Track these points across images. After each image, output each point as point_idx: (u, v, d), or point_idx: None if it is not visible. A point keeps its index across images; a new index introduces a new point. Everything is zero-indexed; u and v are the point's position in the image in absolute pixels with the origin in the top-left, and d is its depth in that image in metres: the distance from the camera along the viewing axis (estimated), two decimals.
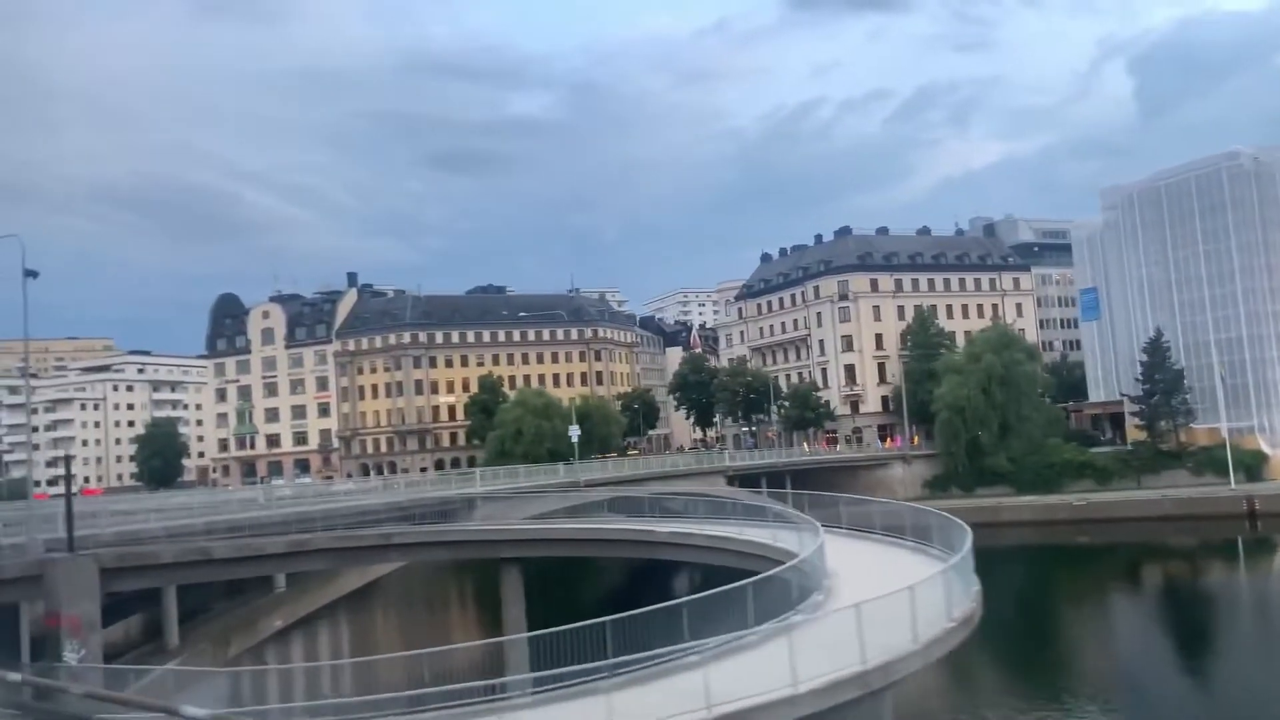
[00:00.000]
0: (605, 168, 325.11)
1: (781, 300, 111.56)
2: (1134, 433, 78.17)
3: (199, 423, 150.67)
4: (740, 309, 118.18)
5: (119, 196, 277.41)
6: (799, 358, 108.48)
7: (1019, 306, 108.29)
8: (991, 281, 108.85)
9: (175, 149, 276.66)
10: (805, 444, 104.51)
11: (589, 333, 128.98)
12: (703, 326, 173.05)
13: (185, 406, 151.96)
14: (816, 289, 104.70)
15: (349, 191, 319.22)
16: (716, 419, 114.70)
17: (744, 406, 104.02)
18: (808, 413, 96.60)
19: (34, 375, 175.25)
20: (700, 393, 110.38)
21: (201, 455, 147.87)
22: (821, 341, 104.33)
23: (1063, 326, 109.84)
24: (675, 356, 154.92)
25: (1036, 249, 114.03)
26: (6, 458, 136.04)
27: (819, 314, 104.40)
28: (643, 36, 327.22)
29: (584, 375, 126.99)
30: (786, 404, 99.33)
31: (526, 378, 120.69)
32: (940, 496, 72.25)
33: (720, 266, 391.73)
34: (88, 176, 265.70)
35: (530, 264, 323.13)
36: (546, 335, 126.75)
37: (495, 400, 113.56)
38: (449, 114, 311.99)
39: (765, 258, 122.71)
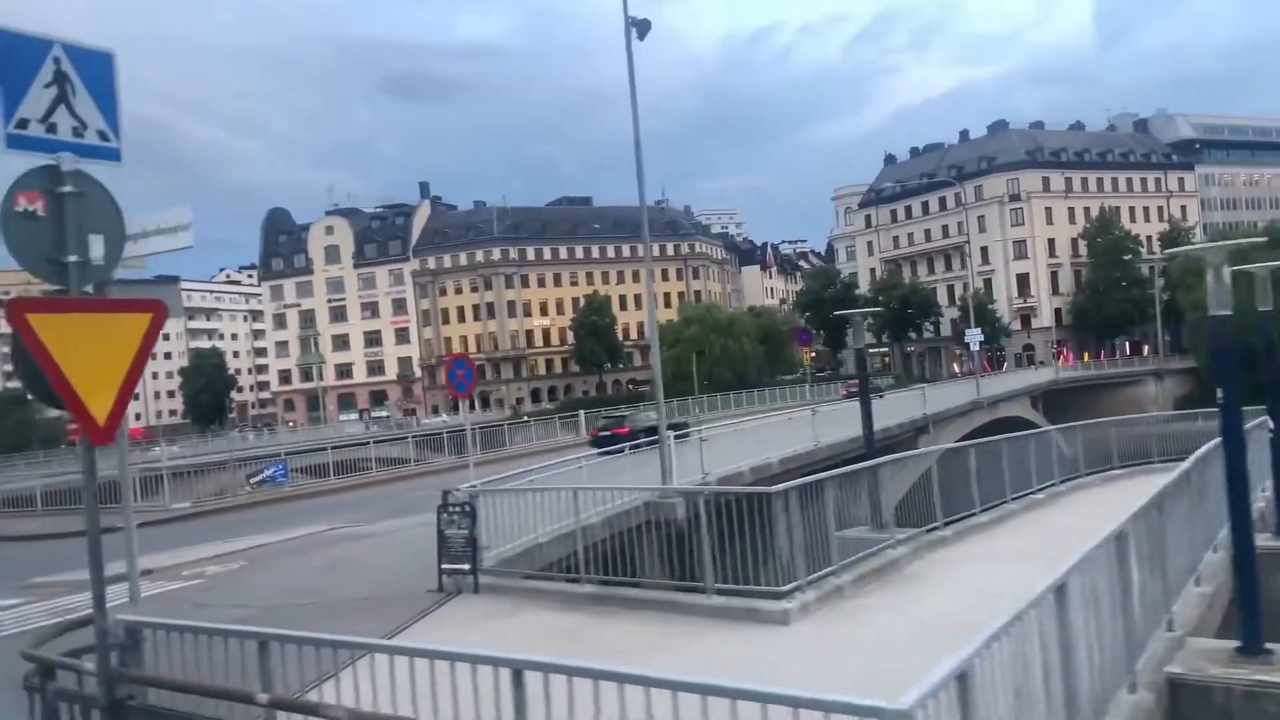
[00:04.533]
0: (564, 97, 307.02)
1: (926, 205, 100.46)
2: None
3: (235, 354, 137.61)
4: (868, 217, 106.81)
5: None
6: (951, 268, 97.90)
7: (1184, 209, 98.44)
8: (1156, 181, 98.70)
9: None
10: (955, 364, 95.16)
11: (685, 248, 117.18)
12: (768, 245, 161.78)
13: (221, 336, 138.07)
14: (979, 189, 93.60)
15: (296, 121, 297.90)
16: (848, 338, 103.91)
17: (895, 324, 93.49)
18: (985, 328, 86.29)
19: None
20: (835, 309, 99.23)
21: (240, 390, 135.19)
22: (985, 249, 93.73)
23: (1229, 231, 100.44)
24: (751, 275, 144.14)
25: (1198, 146, 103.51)
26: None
27: (981, 217, 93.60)
28: None
29: (681, 295, 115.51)
30: (955, 319, 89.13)
31: (622, 298, 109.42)
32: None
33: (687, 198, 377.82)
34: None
35: (495, 198, 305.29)
36: (641, 251, 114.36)
37: (605, 321, 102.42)
38: (399, 37, 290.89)
39: (889, 159, 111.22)
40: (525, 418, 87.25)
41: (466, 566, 9.86)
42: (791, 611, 7.97)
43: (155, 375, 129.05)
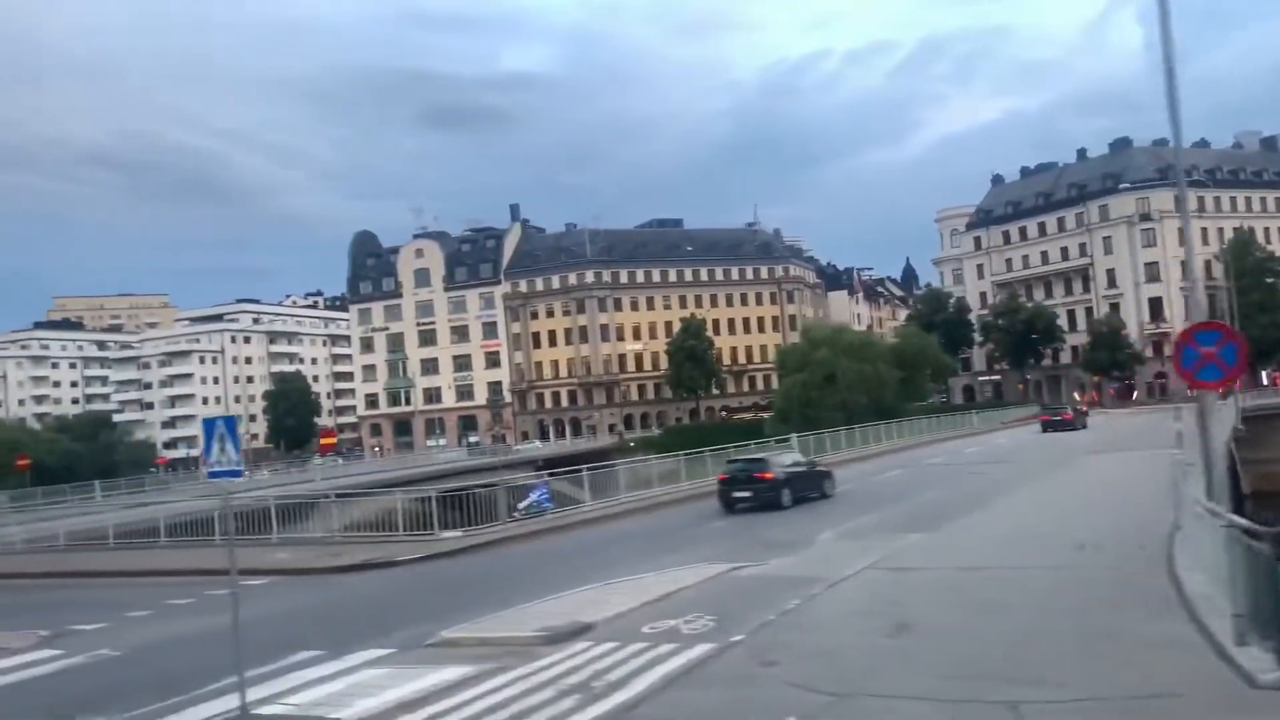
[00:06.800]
0: (602, 125, 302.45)
1: (1043, 225, 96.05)
2: None
3: (315, 379, 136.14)
4: (978, 239, 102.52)
5: (103, 158, 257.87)
6: (1071, 292, 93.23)
7: None
8: None
9: (158, 107, 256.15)
10: (1076, 393, 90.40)
11: (779, 271, 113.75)
12: (854, 270, 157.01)
13: (301, 360, 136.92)
14: (1104, 209, 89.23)
15: (339, 151, 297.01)
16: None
17: (1015, 349, 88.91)
18: (1118, 354, 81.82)
19: (114, 329, 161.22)
20: (947, 334, 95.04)
21: (318, 415, 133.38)
22: (1111, 271, 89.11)
23: None
24: (838, 301, 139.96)
25: None
26: (117, 418, 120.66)
27: (1107, 238, 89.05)
28: None
29: (775, 320, 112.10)
30: (1082, 345, 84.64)
31: (715, 322, 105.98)
32: None
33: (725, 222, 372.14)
34: (69, 137, 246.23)
35: (553, 222, 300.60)
36: (735, 274, 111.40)
37: (702, 346, 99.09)
38: (441, 68, 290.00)
39: (997, 180, 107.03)
40: (632, 444, 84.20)
41: None
42: None
43: (238, 399, 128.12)
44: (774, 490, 22.06)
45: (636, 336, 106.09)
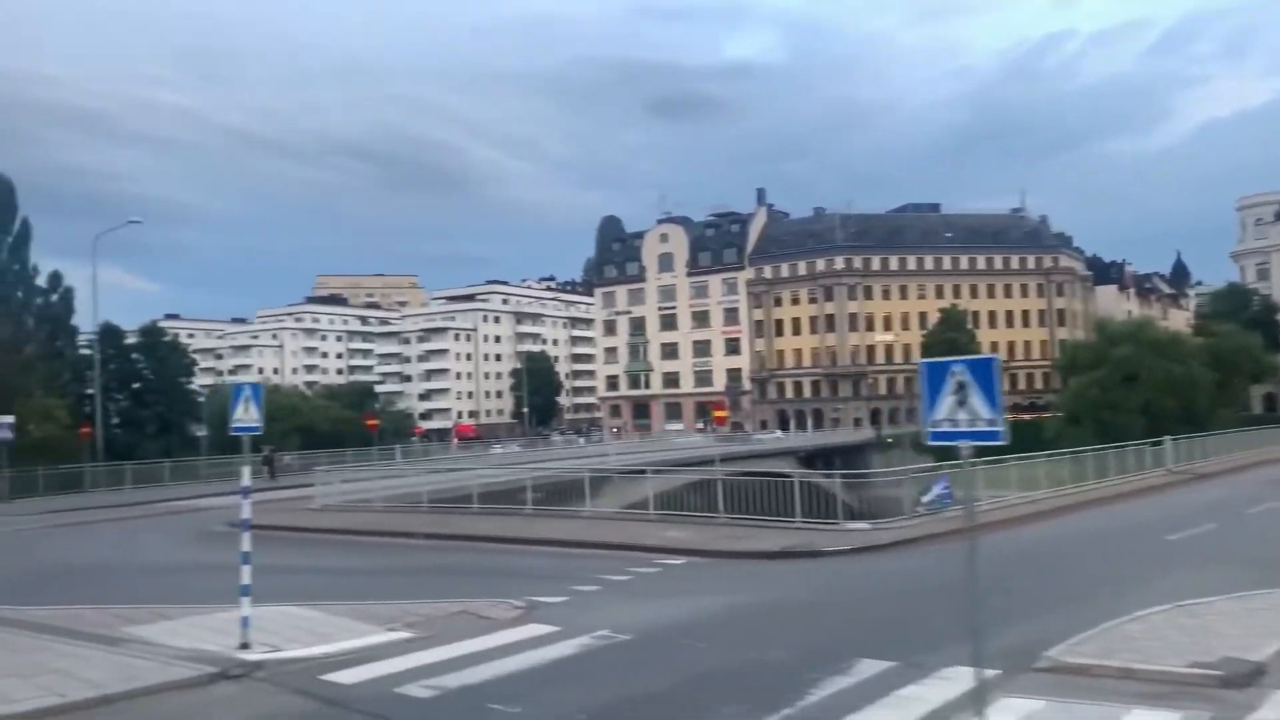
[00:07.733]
0: (822, 114, 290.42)
1: None
2: None
3: (556, 359, 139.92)
4: None
5: (356, 149, 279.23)
6: None
7: None
8: None
9: (405, 101, 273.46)
10: None
11: (1048, 261, 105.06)
12: (1125, 263, 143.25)
13: (544, 341, 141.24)
14: None
15: (567, 143, 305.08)
16: None
17: None
18: None
19: (371, 306, 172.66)
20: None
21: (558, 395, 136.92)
22: None
23: None
24: (1106, 295, 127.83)
25: None
26: (378, 389, 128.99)
27: None
28: None
29: (1041, 313, 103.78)
30: None
31: (975, 314, 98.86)
32: None
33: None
34: (328, 130, 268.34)
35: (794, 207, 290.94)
36: (999, 263, 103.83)
37: (963, 339, 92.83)
38: (668, 58, 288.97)
39: None
40: (890, 441, 79.96)
41: None
42: None
43: (487, 375, 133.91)
44: None
45: (887, 327, 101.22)
